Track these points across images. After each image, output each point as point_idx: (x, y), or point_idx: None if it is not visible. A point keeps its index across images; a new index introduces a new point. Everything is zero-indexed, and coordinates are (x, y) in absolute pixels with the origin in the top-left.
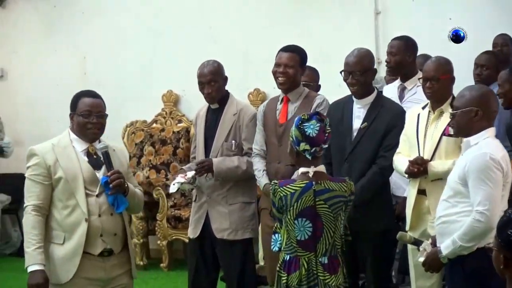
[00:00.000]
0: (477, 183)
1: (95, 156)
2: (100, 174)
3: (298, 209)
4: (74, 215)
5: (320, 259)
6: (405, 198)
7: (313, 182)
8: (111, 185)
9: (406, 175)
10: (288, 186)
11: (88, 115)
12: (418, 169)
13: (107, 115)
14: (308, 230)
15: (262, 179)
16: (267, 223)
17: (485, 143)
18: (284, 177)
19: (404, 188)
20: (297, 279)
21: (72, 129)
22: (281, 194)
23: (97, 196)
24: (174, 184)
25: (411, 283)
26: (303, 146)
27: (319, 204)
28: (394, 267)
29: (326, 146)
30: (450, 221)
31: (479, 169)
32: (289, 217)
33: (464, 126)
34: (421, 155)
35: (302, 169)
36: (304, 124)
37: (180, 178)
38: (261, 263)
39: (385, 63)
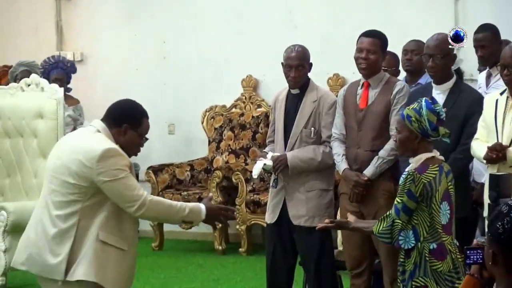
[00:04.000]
0: None
1: None
2: None
3: (441, 193)
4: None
5: (455, 241)
6: (483, 184)
7: (442, 165)
8: None
9: (485, 161)
10: (428, 172)
11: (145, 138)
12: (497, 155)
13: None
14: (448, 213)
15: (341, 164)
16: (346, 207)
17: None
18: (363, 163)
19: (485, 174)
20: (448, 266)
21: (117, 139)
22: (425, 181)
23: None
24: (255, 169)
25: None
26: (442, 130)
27: (449, 185)
28: None
29: None
30: None
31: None
32: (434, 202)
33: None
34: (500, 141)
35: (427, 154)
36: (437, 108)
37: (259, 163)
38: (340, 248)
39: (478, 57)
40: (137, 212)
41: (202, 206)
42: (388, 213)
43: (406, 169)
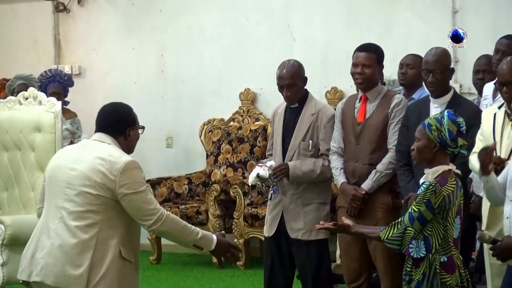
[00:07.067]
0: None
1: None
2: None
3: (456, 207)
4: None
5: (460, 256)
6: (481, 198)
7: (457, 178)
8: None
9: None
10: (447, 184)
11: (142, 127)
12: (496, 168)
13: None
14: (459, 227)
15: (339, 178)
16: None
17: None
18: (361, 177)
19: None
20: (456, 279)
21: (123, 143)
22: (445, 193)
23: None
24: (250, 178)
25: (487, 282)
26: (461, 141)
27: (461, 200)
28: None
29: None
30: None
31: None
32: (450, 215)
33: None
34: (498, 154)
35: (443, 167)
36: (458, 120)
37: (255, 171)
38: (338, 261)
39: (497, 60)
40: (153, 226)
41: (214, 236)
42: (399, 220)
43: (422, 179)
